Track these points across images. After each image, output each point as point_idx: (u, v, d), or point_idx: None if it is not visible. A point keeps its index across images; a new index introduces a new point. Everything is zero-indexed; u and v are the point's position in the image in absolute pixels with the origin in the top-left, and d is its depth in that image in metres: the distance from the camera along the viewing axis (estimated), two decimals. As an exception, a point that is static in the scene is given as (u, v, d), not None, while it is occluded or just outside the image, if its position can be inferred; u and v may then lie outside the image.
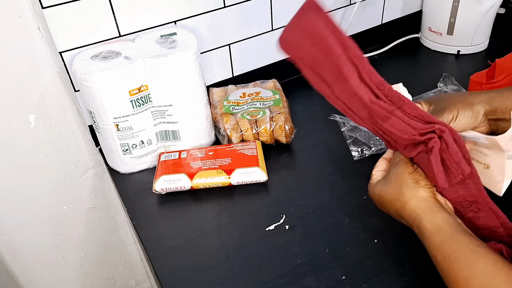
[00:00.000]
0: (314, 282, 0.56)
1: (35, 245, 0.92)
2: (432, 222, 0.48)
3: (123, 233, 1.04)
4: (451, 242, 0.46)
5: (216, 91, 0.87)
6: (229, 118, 0.79)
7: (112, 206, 0.98)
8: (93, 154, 0.87)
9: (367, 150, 0.76)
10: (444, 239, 0.46)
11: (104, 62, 0.68)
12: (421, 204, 0.50)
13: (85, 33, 0.73)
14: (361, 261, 0.58)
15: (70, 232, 0.95)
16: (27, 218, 0.88)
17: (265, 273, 0.58)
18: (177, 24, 0.81)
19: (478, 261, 0.43)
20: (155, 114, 0.74)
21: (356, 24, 1.05)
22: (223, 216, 0.67)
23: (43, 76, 0.74)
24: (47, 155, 0.83)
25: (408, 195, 0.51)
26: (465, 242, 0.45)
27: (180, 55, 0.69)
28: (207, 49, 0.87)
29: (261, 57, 0.95)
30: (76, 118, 0.81)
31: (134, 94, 0.69)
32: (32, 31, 0.70)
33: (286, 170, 0.76)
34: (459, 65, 1.02)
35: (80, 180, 0.89)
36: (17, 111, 0.75)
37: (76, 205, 0.92)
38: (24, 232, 0.89)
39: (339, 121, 0.83)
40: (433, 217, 0.48)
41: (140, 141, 0.74)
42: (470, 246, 0.44)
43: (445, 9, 1.00)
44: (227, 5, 0.84)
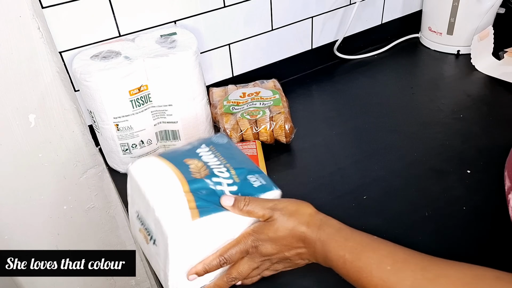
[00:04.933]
0: (314, 282, 0.56)
1: (35, 245, 0.92)
2: (334, 223, 0.51)
3: (123, 233, 1.04)
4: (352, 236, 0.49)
5: (216, 91, 0.87)
6: (229, 118, 0.79)
7: (112, 206, 0.98)
8: (93, 154, 0.87)
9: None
10: (347, 236, 0.49)
11: (104, 62, 0.68)
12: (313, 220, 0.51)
13: (85, 33, 0.73)
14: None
15: (70, 232, 0.95)
16: (27, 218, 0.88)
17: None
18: (177, 24, 0.81)
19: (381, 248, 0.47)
20: (155, 114, 0.74)
21: (356, 24, 1.05)
22: (223, 216, 0.67)
23: (43, 76, 0.74)
24: (47, 155, 0.83)
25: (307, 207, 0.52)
26: (364, 235, 0.49)
27: (180, 55, 0.69)
28: (207, 49, 0.87)
29: (261, 57, 0.95)
30: (76, 118, 0.81)
31: (134, 94, 0.69)
32: (32, 31, 0.70)
33: (286, 170, 0.76)
34: (459, 65, 1.02)
35: (80, 180, 0.89)
36: (17, 111, 0.75)
37: (76, 205, 0.92)
38: (24, 232, 0.89)
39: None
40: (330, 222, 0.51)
41: (140, 141, 0.74)
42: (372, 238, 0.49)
43: (445, 9, 1.00)
44: (227, 5, 0.84)
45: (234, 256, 0.51)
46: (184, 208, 0.48)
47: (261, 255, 0.52)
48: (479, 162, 0.73)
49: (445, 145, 0.77)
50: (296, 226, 0.50)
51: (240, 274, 0.52)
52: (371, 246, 0.48)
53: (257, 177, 0.55)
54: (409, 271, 0.44)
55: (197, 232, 0.48)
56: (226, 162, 0.55)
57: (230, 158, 0.56)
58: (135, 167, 0.54)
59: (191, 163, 0.54)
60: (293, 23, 0.94)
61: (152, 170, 0.53)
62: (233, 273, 0.52)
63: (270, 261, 0.53)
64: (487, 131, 0.81)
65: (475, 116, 0.85)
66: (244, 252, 0.52)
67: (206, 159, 0.55)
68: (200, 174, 0.52)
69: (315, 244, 0.50)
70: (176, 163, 0.53)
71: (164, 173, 0.52)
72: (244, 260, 0.52)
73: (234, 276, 0.53)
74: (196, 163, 0.54)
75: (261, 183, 0.54)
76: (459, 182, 0.70)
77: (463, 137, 0.79)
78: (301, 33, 0.97)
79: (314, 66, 1.04)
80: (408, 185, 0.70)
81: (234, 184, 0.52)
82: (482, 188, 0.68)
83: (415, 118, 0.85)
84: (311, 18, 0.97)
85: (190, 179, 0.51)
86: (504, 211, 0.53)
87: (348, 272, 0.47)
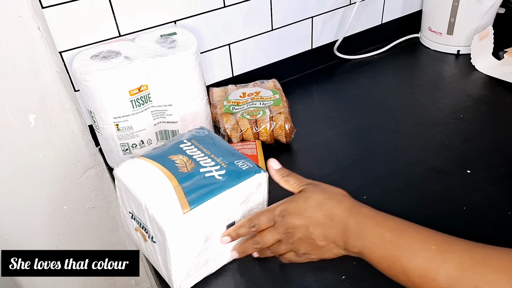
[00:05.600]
0: (314, 282, 0.56)
1: (35, 245, 0.92)
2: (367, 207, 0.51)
3: (123, 233, 1.04)
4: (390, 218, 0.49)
5: (216, 91, 0.87)
6: (229, 117, 0.79)
7: (112, 206, 0.98)
8: (93, 154, 0.87)
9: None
10: (385, 217, 0.49)
11: (104, 62, 0.68)
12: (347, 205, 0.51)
13: (85, 32, 0.73)
14: (361, 261, 0.58)
15: (70, 232, 0.95)
16: (27, 218, 0.88)
17: (265, 273, 0.58)
18: (177, 24, 0.81)
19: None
20: (155, 114, 0.74)
21: (356, 24, 1.05)
22: (223, 216, 0.67)
23: (43, 76, 0.74)
24: (47, 155, 0.83)
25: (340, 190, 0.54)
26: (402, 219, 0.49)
27: (180, 55, 0.69)
28: (207, 49, 0.87)
29: (261, 57, 0.95)
30: (76, 118, 0.81)
31: (134, 94, 0.69)
32: (32, 31, 0.70)
33: (286, 170, 0.76)
34: (459, 65, 1.02)
35: (80, 180, 0.89)
36: (17, 111, 0.75)
37: (76, 205, 0.92)
38: (24, 232, 0.89)
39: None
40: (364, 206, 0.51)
41: (140, 141, 0.74)
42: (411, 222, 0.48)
43: (445, 9, 1.00)
44: (227, 5, 0.84)
45: (261, 222, 0.52)
46: (175, 202, 0.49)
47: (286, 226, 0.51)
48: (479, 162, 0.73)
49: (445, 145, 0.77)
50: (326, 200, 0.50)
51: (263, 241, 0.53)
52: (412, 227, 0.46)
53: (243, 162, 0.56)
54: (454, 252, 0.43)
55: (192, 222, 0.49)
56: (211, 154, 0.56)
57: (213, 149, 0.58)
58: (121, 170, 0.55)
59: (176, 158, 0.55)
60: (293, 23, 0.94)
61: (139, 170, 0.54)
62: (257, 237, 0.54)
63: (293, 236, 0.51)
64: (487, 131, 0.81)
65: (475, 116, 0.85)
66: (271, 220, 0.52)
67: (190, 153, 0.56)
68: (187, 168, 0.53)
69: (346, 224, 0.48)
70: (161, 161, 0.54)
71: (151, 172, 0.53)
72: (270, 229, 0.53)
73: (257, 240, 0.53)
74: (181, 158, 0.55)
75: (249, 166, 0.55)
76: (459, 182, 0.70)
77: (463, 137, 0.79)
78: (301, 33, 0.97)
79: (314, 66, 1.04)
80: (408, 185, 0.70)
81: (222, 169, 0.54)
82: (482, 188, 0.68)
83: (415, 118, 0.85)
84: (311, 18, 0.97)
85: (177, 174, 0.52)
86: (504, 211, 0.53)
87: (386, 251, 0.46)
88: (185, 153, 0.56)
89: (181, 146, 0.58)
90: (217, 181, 0.52)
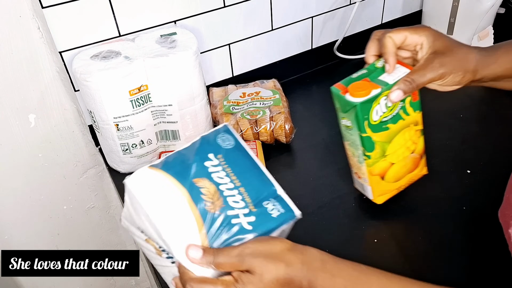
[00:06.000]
0: (314, 282, 0.56)
1: (35, 245, 0.92)
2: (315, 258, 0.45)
3: (123, 233, 1.04)
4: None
5: (216, 91, 0.87)
6: (229, 117, 0.79)
7: (112, 206, 0.98)
8: (93, 154, 0.87)
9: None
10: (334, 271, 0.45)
11: (104, 62, 0.68)
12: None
13: (85, 32, 0.73)
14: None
15: (70, 232, 0.95)
16: (27, 218, 0.88)
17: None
18: (177, 24, 0.81)
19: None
20: (155, 114, 0.74)
21: (356, 24, 1.05)
22: (223, 216, 0.67)
23: (43, 76, 0.74)
24: (47, 155, 0.83)
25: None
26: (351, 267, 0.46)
27: (180, 55, 0.69)
28: (207, 49, 0.87)
29: (261, 57, 0.95)
30: (76, 118, 0.81)
31: (134, 94, 0.69)
32: (32, 31, 0.69)
33: (286, 170, 0.76)
34: (459, 65, 1.02)
35: (80, 180, 0.89)
36: (17, 111, 0.75)
37: (76, 205, 0.92)
38: (24, 232, 0.89)
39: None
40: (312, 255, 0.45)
41: (140, 141, 0.74)
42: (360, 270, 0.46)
43: (445, 9, 1.00)
44: (227, 5, 0.84)
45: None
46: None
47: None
48: (479, 162, 0.73)
49: (445, 145, 0.77)
50: (279, 269, 0.42)
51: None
52: (361, 281, 0.44)
53: (273, 203, 0.49)
54: None
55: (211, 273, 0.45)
56: (240, 184, 0.49)
57: (241, 174, 0.50)
58: (135, 183, 0.47)
59: (202, 185, 0.47)
60: (293, 23, 0.94)
61: (158, 190, 0.46)
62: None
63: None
64: (487, 131, 0.81)
65: (475, 116, 0.85)
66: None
67: (217, 178, 0.48)
68: (214, 205, 0.46)
69: (301, 284, 0.43)
70: (185, 184, 0.46)
71: (175, 198, 0.46)
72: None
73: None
74: (208, 187, 0.47)
75: (279, 211, 0.48)
76: (459, 182, 0.70)
77: (463, 137, 0.79)
78: (301, 33, 0.97)
79: (314, 66, 1.04)
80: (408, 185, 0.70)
81: (251, 214, 0.47)
82: (482, 188, 0.68)
83: (415, 118, 0.85)
84: (311, 18, 0.96)
85: (204, 214, 0.45)
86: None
87: None
88: (212, 179, 0.48)
89: (206, 164, 0.48)
90: (245, 231, 0.46)
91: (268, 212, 0.48)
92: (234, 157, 0.51)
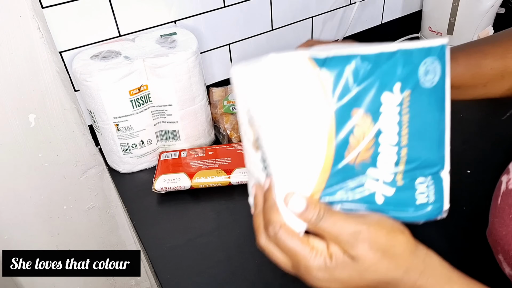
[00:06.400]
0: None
1: (35, 245, 0.92)
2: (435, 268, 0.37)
3: (123, 233, 1.04)
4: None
5: (216, 91, 0.87)
6: (229, 118, 0.79)
7: (112, 206, 0.98)
8: (93, 154, 0.87)
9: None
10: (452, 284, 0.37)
11: (104, 62, 0.68)
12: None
13: (85, 33, 0.73)
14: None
15: (70, 232, 0.95)
16: (27, 218, 0.88)
17: (265, 273, 0.58)
18: (177, 24, 0.81)
19: None
20: (155, 114, 0.74)
21: (356, 24, 1.05)
22: (223, 216, 0.67)
23: (43, 76, 0.74)
24: (47, 155, 0.83)
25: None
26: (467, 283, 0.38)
27: (180, 55, 0.69)
28: (207, 49, 0.87)
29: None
30: (76, 118, 0.81)
31: (134, 94, 0.69)
32: (32, 31, 0.69)
33: (286, 170, 0.76)
34: (459, 65, 1.02)
35: (80, 180, 0.89)
36: (17, 111, 0.75)
37: (76, 205, 0.92)
38: (24, 232, 0.89)
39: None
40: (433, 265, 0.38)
41: (140, 141, 0.74)
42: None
43: (445, 9, 1.00)
44: (227, 5, 0.84)
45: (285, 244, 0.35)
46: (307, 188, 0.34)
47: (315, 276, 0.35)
48: (479, 162, 0.73)
49: (445, 145, 0.77)
50: (390, 271, 0.35)
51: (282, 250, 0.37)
52: None
53: (427, 185, 0.37)
54: None
55: None
56: (405, 143, 0.35)
57: (417, 130, 0.35)
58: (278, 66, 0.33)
59: (358, 122, 0.33)
60: (293, 23, 0.94)
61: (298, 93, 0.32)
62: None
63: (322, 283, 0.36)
64: (487, 131, 0.80)
65: (475, 116, 0.85)
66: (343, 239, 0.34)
67: (384, 123, 0.33)
68: (358, 155, 0.33)
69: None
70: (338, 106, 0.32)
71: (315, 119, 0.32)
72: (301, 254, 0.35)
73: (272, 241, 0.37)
74: (364, 129, 0.33)
75: (427, 199, 0.37)
76: (459, 182, 0.69)
77: (463, 137, 0.79)
78: (301, 33, 0.97)
79: (314, 66, 1.04)
80: (408, 185, 0.70)
81: (393, 186, 0.35)
82: (482, 188, 0.68)
83: (415, 118, 0.85)
84: (311, 18, 0.96)
85: (338, 163, 0.33)
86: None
87: None
88: (377, 121, 0.33)
89: (383, 97, 0.33)
90: (372, 204, 0.35)
91: (415, 194, 0.36)
92: (424, 102, 0.35)
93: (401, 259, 0.35)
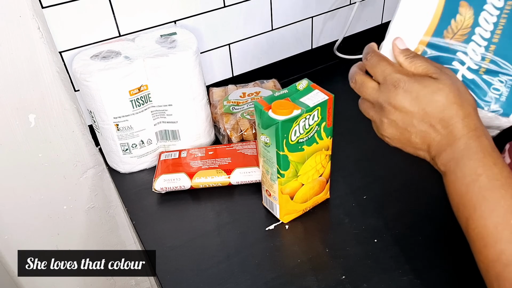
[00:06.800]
0: (314, 282, 0.56)
1: (35, 245, 0.92)
2: (490, 139, 0.42)
3: (123, 233, 1.04)
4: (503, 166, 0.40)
5: (216, 91, 0.87)
6: (229, 118, 0.79)
7: (112, 206, 0.98)
8: (93, 154, 0.87)
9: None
10: (497, 161, 0.40)
11: (104, 62, 0.68)
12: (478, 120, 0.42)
13: (85, 32, 0.73)
14: (361, 261, 0.58)
15: (70, 232, 0.95)
16: (27, 218, 0.88)
17: (265, 273, 0.58)
18: (177, 24, 0.81)
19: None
20: (155, 114, 0.74)
21: (356, 24, 1.05)
22: (223, 216, 0.67)
23: (43, 76, 0.74)
24: (47, 155, 0.83)
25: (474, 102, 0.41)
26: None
27: (180, 55, 0.69)
28: (207, 49, 0.87)
29: (261, 57, 0.95)
30: (76, 118, 0.81)
31: (134, 94, 0.69)
32: (32, 31, 0.70)
33: (286, 170, 0.76)
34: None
35: (80, 180, 0.89)
36: (17, 111, 0.75)
37: (76, 205, 0.92)
38: (24, 232, 0.89)
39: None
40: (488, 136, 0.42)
41: (140, 141, 0.74)
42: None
43: (445, 9, 1.00)
44: (227, 5, 0.84)
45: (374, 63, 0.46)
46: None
47: (389, 100, 0.43)
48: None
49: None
50: (454, 106, 0.40)
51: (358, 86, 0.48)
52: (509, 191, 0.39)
53: (506, 85, 0.42)
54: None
55: None
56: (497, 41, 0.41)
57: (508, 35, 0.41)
58: None
59: (462, 11, 0.41)
60: (293, 23, 0.94)
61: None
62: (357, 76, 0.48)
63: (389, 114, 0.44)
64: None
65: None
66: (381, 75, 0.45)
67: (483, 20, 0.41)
68: (455, 35, 0.41)
69: (455, 141, 0.41)
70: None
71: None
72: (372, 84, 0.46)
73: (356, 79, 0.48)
74: (466, 18, 0.41)
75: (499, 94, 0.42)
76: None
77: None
78: (301, 33, 0.97)
79: (314, 66, 1.04)
80: (408, 185, 0.70)
81: (473, 72, 0.42)
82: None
83: (415, 118, 0.85)
84: (311, 18, 0.97)
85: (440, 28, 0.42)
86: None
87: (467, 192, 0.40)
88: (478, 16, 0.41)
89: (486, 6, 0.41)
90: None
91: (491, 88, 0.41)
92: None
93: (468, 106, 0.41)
